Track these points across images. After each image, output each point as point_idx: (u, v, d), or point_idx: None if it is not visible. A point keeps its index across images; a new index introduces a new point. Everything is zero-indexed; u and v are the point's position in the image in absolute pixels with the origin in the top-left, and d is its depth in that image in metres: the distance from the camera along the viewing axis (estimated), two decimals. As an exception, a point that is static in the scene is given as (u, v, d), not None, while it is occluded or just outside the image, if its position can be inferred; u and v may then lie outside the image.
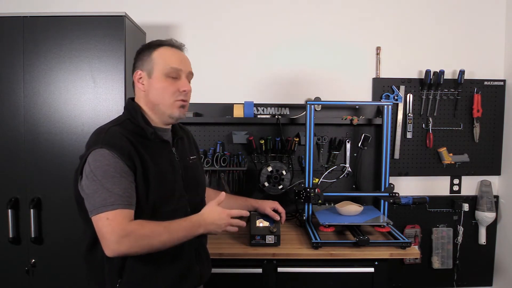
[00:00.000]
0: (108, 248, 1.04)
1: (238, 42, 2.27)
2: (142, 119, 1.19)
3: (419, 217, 2.32)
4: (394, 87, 2.27)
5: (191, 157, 1.36)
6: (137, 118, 1.19)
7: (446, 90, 2.28)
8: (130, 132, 1.16)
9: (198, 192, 1.35)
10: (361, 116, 2.21)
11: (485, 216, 2.27)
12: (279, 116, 2.20)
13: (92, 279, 1.20)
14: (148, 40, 2.18)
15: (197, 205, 1.27)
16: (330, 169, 2.26)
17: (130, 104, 1.24)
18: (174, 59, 1.21)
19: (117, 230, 1.03)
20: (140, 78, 1.23)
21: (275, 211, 1.71)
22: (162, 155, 1.21)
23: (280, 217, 1.71)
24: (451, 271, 2.34)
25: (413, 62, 2.29)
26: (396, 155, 2.28)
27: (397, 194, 1.97)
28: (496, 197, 2.35)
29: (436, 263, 2.32)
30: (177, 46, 1.26)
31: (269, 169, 2.13)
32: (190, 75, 1.26)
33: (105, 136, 1.11)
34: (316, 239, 1.71)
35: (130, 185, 1.09)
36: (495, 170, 2.34)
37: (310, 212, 1.96)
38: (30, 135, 1.74)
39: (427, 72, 2.22)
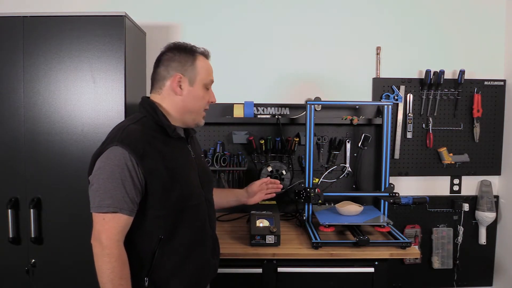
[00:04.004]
0: (93, 239, 1.09)
1: (238, 42, 2.27)
2: (163, 117, 1.21)
3: (419, 217, 2.32)
4: (394, 87, 2.27)
5: (202, 155, 1.43)
6: (157, 116, 1.20)
7: (446, 90, 2.28)
8: (150, 130, 1.18)
9: (210, 189, 1.39)
10: (361, 116, 2.21)
11: (485, 216, 2.27)
12: (279, 116, 2.20)
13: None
14: (148, 40, 2.19)
15: (211, 200, 1.35)
16: (330, 169, 2.26)
17: (147, 102, 1.24)
18: (211, 71, 1.30)
19: (104, 235, 1.06)
20: (180, 82, 1.23)
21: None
22: (181, 152, 1.25)
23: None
24: (451, 271, 2.34)
25: (413, 62, 2.29)
26: (396, 155, 2.28)
27: (397, 194, 1.97)
28: (496, 197, 2.34)
29: (436, 263, 2.32)
30: (208, 56, 1.31)
31: (269, 169, 2.13)
32: None
33: (122, 133, 1.12)
34: (316, 239, 1.71)
35: (133, 190, 1.09)
36: (495, 170, 2.34)
37: (310, 212, 1.96)
38: (30, 135, 1.74)
39: (427, 72, 2.22)
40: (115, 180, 1.07)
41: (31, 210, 1.72)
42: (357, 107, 2.27)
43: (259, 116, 2.24)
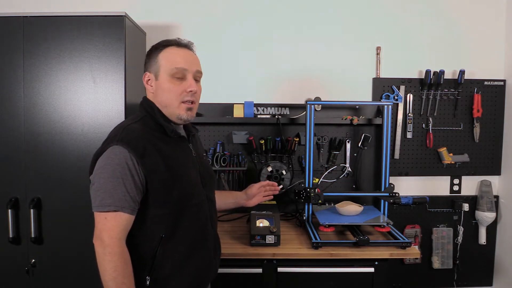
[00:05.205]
0: (95, 238, 1.08)
1: (238, 42, 2.27)
2: (161, 117, 1.21)
3: (419, 217, 2.32)
4: (394, 87, 2.27)
5: (203, 154, 1.42)
6: (156, 115, 1.21)
7: (446, 90, 2.28)
8: (150, 129, 1.18)
9: (212, 188, 1.39)
10: (361, 116, 2.21)
11: (485, 216, 2.27)
12: (279, 116, 2.20)
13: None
14: (148, 40, 2.19)
15: (212, 200, 1.34)
16: (330, 169, 2.26)
17: (147, 102, 1.25)
18: (178, 59, 1.22)
19: (106, 234, 1.06)
20: (149, 80, 1.25)
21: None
22: (182, 151, 1.25)
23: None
24: (451, 271, 2.34)
25: (413, 62, 2.29)
26: (396, 155, 2.28)
27: (397, 194, 1.97)
28: (496, 197, 2.35)
29: (436, 263, 2.32)
30: (184, 45, 1.26)
31: (269, 169, 2.13)
32: (198, 73, 1.26)
33: (122, 133, 1.13)
34: (316, 239, 1.71)
35: (133, 188, 1.09)
36: (495, 170, 2.34)
37: (310, 212, 1.96)
38: (30, 135, 1.74)
39: (427, 72, 2.22)
40: (116, 179, 1.07)
41: (31, 210, 1.72)
42: (357, 107, 2.27)
43: (259, 116, 2.24)
